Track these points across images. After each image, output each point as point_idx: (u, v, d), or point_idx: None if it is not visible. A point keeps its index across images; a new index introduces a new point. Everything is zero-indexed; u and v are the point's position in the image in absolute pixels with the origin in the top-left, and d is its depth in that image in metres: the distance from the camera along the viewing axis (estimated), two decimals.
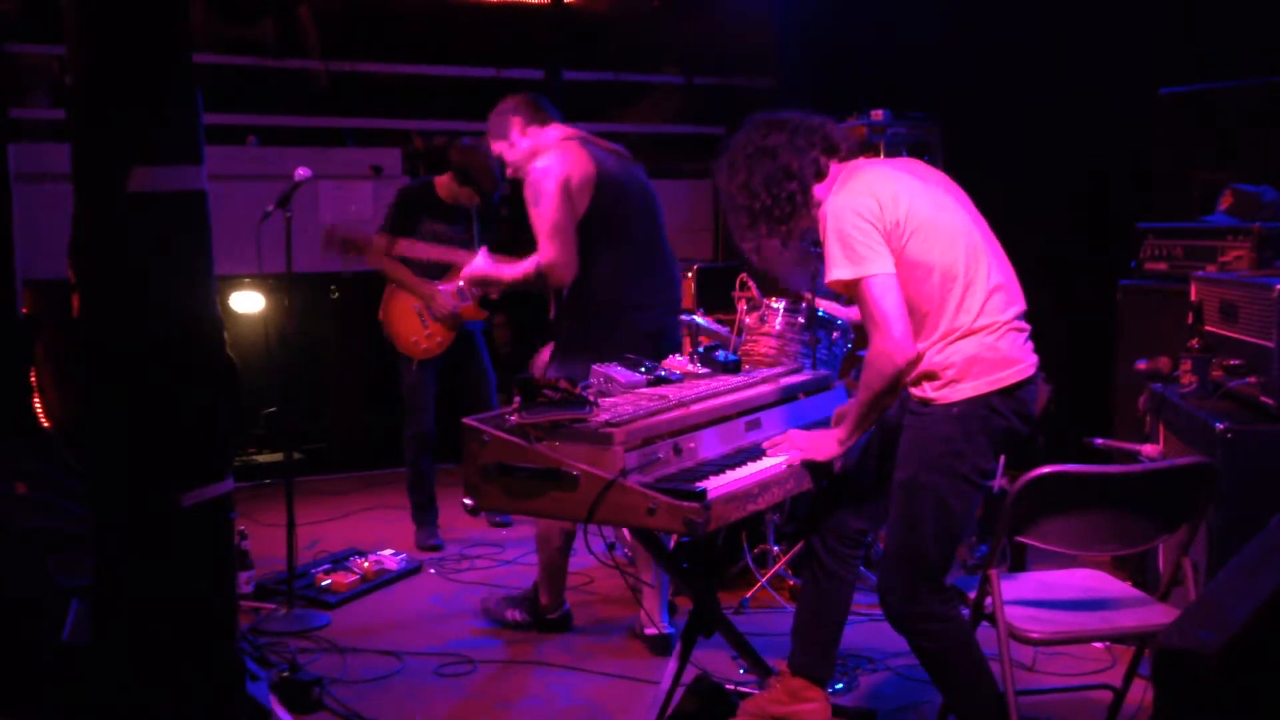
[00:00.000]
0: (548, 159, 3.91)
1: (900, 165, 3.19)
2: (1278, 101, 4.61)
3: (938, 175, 3.16)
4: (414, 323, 5.27)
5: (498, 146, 4.18)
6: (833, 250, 2.96)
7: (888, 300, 2.91)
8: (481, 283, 4.13)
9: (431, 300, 5.19)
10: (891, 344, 2.91)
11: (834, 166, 3.12)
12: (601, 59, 7.90)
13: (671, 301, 4.14)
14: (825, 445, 3.13)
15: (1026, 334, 3.06)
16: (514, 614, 4.30)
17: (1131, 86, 5.31)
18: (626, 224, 3.97)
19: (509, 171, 4.23)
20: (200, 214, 2.77)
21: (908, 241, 2.95)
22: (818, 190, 3.09)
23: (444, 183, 5.29)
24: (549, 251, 3.82)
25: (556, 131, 4.09)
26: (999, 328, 2.98)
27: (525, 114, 4.11)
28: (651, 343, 3.96)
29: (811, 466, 3.14)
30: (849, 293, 2.99)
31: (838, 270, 2.95)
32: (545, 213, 3.82)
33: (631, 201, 4.01)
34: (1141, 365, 4.06)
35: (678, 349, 4.07)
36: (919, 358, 2.97)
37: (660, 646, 4.07)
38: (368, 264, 5.25)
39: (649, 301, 4.02)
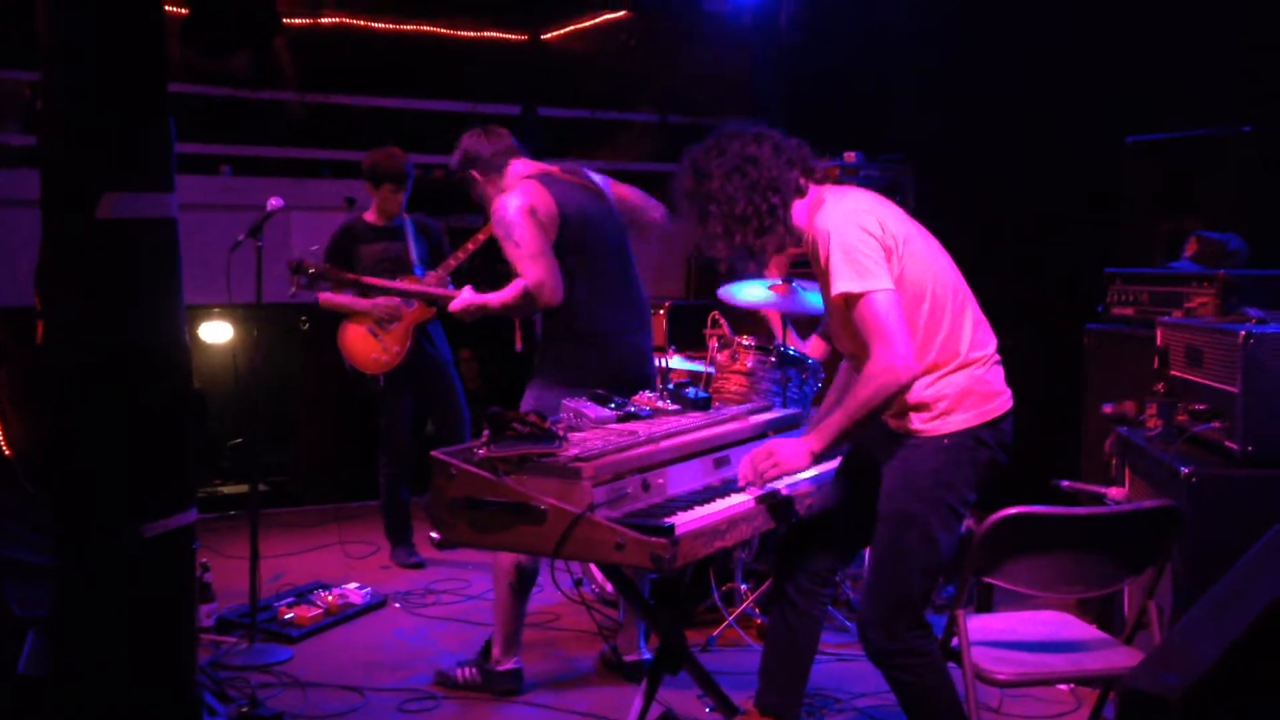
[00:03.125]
0: (510, 195, 3.93)
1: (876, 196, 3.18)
2: (1243, 150, 4.68)
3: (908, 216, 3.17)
4: (368, 341, 5.47)
5: (484, 178, 4.14)
6: (837, 264, 2.90)
7: (893, 315, 2.86)
8: (474, 312, 4.10)
9: (375, 309, 5.39)
10: (899, 359, 2.84)
11: (812, 187, 3.12)
12: (577, 96, 7.94)
13: (645, 327, 4.16)
14: (796, 456, 2.98)
15: (1002, 367, 3.09)
16: (464, 672, 4.11)
17: (1100, 134, 5.37)
18: (595, 254, 3.98)
19: (476, 196, 4.20)
20: (170, 242, 2.75)
21: (904, 263, 2.95)
22: (796, 207, 3.07)
23: (372, 205, 5.55)
24: (534, 273, 3.83)
25: (520, 168, 4.09)
26: (986, 361, 3.02)
27: (498, 147, 4.12)
28: (631, 367, 3.98)
29: (773, 509, 3.11)
30: (850, 307, 2.91)
31: (843, 283, 2.89)
32: (520, 239, 3.84)
33: (597, 232, 4.02)
34: (1108, 409, 4.08)
35: (653, 376, 4.07)
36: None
37: (637, 674, 4.06)
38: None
39: (626, 327, 4.03)
